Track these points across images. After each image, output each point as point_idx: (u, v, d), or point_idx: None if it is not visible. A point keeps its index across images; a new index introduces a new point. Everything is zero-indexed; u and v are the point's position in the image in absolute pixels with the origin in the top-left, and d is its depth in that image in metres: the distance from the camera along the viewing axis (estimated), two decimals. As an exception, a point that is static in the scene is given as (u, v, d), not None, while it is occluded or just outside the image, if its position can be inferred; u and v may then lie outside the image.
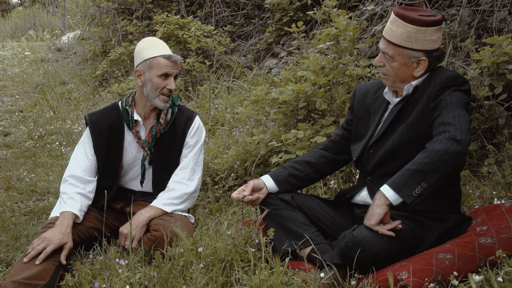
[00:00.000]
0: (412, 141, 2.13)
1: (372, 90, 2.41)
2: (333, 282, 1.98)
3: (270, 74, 5.51)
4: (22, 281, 2.17)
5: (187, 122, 2.76)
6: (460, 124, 1.96)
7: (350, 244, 1.97)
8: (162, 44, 2.70)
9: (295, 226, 2.27)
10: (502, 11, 3.43)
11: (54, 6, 14.85)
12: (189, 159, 2.73)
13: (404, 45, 2.12)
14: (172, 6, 7.47)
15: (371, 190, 2.26)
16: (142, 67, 2.65)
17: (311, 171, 2.45)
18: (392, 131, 2.20)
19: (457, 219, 2.18)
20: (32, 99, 7.47)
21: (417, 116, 2.13)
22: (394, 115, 2.21)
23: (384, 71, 2.20)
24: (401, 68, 2.15)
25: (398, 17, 2.12)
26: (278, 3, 5.87)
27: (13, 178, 4.27)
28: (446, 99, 2.06)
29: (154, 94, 2.64)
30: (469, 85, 2.14)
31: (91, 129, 2.71)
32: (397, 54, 2.14)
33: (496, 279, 1.79)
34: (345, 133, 2.47)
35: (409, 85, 2.18)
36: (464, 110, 2.03)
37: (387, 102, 2.30)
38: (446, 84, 2.09)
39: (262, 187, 2.40)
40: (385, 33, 2.17)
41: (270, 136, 3.55)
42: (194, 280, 2.02)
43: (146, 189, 2.80)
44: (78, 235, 2.50)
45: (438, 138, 1.94)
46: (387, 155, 2.20)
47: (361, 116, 2.39)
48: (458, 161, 1.92)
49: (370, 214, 1.97)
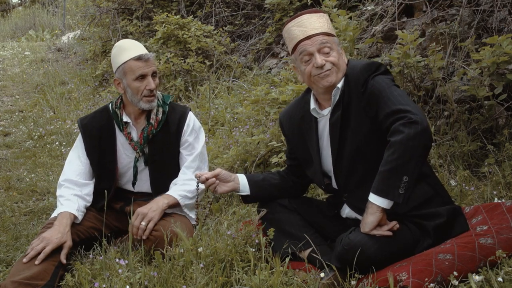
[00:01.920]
0: (364, 144, 2.10)
1: (295, 112, 2.36)
2: (333, 282, 1.98)
3: (270, 74, 5.51)
4: (22, 281, 2.17)
5: (180, 119, 2.72)
6: (404, 105, 1.93)
7: (347, 248, 1.96)
8: (133, 46, 2.63)
9: (293, 229, 2.26)
10: (502, 11, 3.43)
11: (54, 6, 14.85)
12: (195, 157, 2.71)
13: (331, 32, 2.17)
14: (172, 6, 7.47)
15: (352, 205, 2.23)
16: (118, 75, 2.63)
17: (284, 182, 2.43)
18: (343, 142, 2.15)
19: (446, 211, 2.12)
20: (32, 99, 7.47)
21: (356, 120, 2.09)
22: (339, 127, 2.14)
23: (327, 67, 2.12)
24: (339, 56, 2.15)
25: (311, 13, 2.17)
26: (278, 3, 5.87)
27: (13, 178, 4.27)
28: (374, 91, 2.03)
29: (137, 98, 2.61)
30: (384, 66, 2.12)
31: (82, 133, 2.72)
32: (332, 42, 2.14)
33: (496, 279, 1.79)
34: (293, 162, 2.44)
35: (336, 88, 2.13)
36: (396, 89, 2.02)
37: (314, 118, 2.24)
38: (363, 76, 2.07)
39: (230, 180, 2.35)
40: (311, 31, 2.13)
41: (270, 136, 3.55)
42: (194, 280, 2.02)
43: (143, 189, 2.78)
44: (78, 235, 2.50)
45: (395, 127, 1.90)
46: (349, 166, 2.16)
47: (297, 142, 2.35)
48: (425, 138, 1.87)
49: (365, 223, 1.96)
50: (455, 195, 2.65)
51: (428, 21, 3.85)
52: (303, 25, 2.14)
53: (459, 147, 2.96)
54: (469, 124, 3.04)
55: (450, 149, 2.99)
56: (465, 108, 3.11)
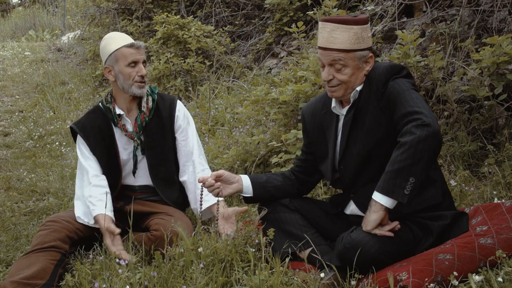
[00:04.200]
0: (378, 145, 2.11)
1: (318, 107, 2.36)
2: (333, 283, 1.98)
3: (270, 74, 5.51)
4: (21, 281, 2.17)
5: (171, 106, 2.81)
6: (419, 108, 1.94)
7: (348, 246, 1.96)
8: (123, 36, 2.73)
9: (294, 228, 2.26)
10: (502, 11, 3.43)
11: (54, 6, 14.85)
12: (192, 145, 2.80)
13: (354, 48, 2.09)
14: (172, 6, 7.47)
15: (358, 202, 2.24)
16: (110, 62, 2.69)
17: (288, 184, 2.42)
18: (354, 141, 2.16)
19: (452, 215, 2.15)
20: (32, 99, 7.47)
21: (373, 120, 2.10)
22: (349, 126, 2.16)
23: (334, 83, 2.13)
24: (354, 72, 2.11)
25: (339, 23, 2.08)
26: (278, 3, 5.87)
27: (13, 178, 4.28)
28: (393, 92, 2.03)
29: (128, 83, 2.67)
30: (406, 69, 2.13)
31: (82, 135, 2.74)
32: (349, 59, 2.09)
33: (496, 279, 1.79)
34: (308, 157, 2.43)
35: (354, 91, 2.14)
36: (414, 92, 2.02)
37: (336, 115, 2.26)
38: (385, 78, 2.07)
39: (233, 181, 2.35)
40: (328, 44, 2.10)
41: (270, 136, 3.55)
42: (194, 280, 2.02)
43: (143, 182, 2.80)
44: (77, 234, 2.51)
45: (406, 129, 1.91)
46: (359, 165, 2.17)
47: (316, 136, 2.35)
48: (435, 143, 1.88)
49: (367, 221, 1.97)
50: (455, 195, 2.65)
51: (428, 21, 3.85)
52: (326, 32, 2.11)
53: (459, 147, 2.97)
54: (469, 124, 3.04)
55: (450, 149, 2.99)
56: (465, 108, 3.11)
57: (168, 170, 2.78)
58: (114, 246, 2.42)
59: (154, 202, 2.77)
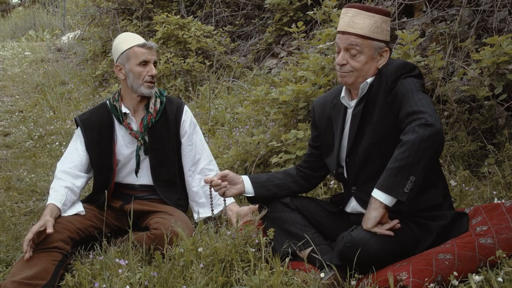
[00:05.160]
0: (383, 140, 2.12)
1: (329, 99, 2.38)
2: (333, 282, 1.98)
3: (270, 74, 5.51)
4: (23, 281, 2.17)
5: (178, 109, 2.83)
6: (424, 108, 1.94)
7: (349, 245, 1.97)
8: (135, 36, 2.77)
9: (294, 228, 2.26)
10: (502, 11, 3.43)
11: (54, 6, 14.85)
12: (201, 147, 2.85)
13: (372, 36, 2.11)
14: (172, 6, 7.47)
15: (359, 198, 2.24)
16: (121, 61, 2.72)
17: (290, 181, 2.42)
18: (361, 134, 2.18)
19: (452, 215, 2.16)
20: (32, 99, 7.47)
21: (380, 115, 2.12)
22: (358, 119, 2.17)
23: (346, 69, 2.15)
24: (368, 61, 2.13)
25: (362, 9, 2.12)
26: (278, 3, 5.87)
27: (13, 178, 4.28)
28: (401, 90, 2.04)
29: (138, 82, 2.69)
30: (418, 69, 2.13)
31: (82, 128, 2.76)
32: (366, 46, 2.12)
33: (496, 279, 1.79)
34: (313, 151, 2.44)
35: (365, 83, 2.15)
36: (422, 93, 2.03)
37: (344, 107, 2.27)
38: (396, 74, 2.08)
39: (238, 182, 2.37)
40: (347, 28, 2.13)
41: (270, 136, 3.56)
42: (194, 280, 2.02)
43: (144, 181, 2.80)
44: (78, 234, 2.51)
45: (409, 127, 1.92)
46: (363, 159, 2.18)
47: (325, 128, 2.36)
48: (437, 143, 1.90)
49: (367, 218, 1.97)
50: (455, 195, 2.65)
51: (428, 21, 3.85)
52: (347, 16, 2.14)
53: (459, 147, 2.97)
54: (469, 124, 3.04)
55: (450, 149, 2.99)
56: (465, 108, 3.11)
57: (170, 172, 2.79)
58: (31, 232, 2.30)
59: (154, 201, 2.77)
